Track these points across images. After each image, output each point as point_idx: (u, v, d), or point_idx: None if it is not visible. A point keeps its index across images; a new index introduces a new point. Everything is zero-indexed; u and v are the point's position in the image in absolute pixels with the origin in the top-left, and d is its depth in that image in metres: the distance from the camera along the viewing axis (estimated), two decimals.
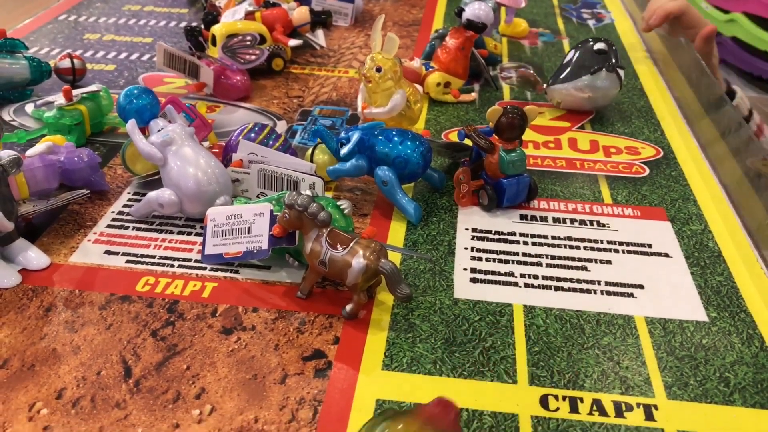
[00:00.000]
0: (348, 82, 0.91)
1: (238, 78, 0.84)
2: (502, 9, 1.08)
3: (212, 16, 0.96)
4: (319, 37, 1.01)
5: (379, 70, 0.71)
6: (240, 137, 0.65)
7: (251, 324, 0.51)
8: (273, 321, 0.52)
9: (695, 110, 0.86)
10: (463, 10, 0.85)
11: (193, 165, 0.60)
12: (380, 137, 0.64)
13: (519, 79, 0.87)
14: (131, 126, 0.62)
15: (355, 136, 0.64)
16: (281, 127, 0.79)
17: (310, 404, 0.45)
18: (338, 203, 0.56)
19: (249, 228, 0.55)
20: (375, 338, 0.51)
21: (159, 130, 0.62)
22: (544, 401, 0.46)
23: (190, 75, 0.84)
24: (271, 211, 0.55)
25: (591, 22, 1.14)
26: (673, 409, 0.46)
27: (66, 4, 1.15)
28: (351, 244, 0.51)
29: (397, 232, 0.62)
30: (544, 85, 0.83)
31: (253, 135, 0.65)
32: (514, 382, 0.47)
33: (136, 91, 0.64)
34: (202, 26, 0.96)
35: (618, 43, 1.05)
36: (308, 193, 0.55)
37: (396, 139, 0.63)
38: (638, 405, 0.46)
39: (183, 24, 1.08)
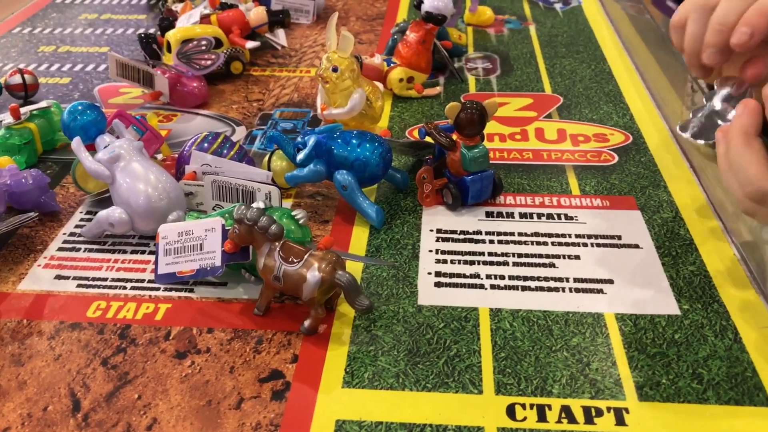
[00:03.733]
0: (310, 81, 0.88)
1: (194, 85, 0.82)
2: None
3: (168, 22, 0.94)
4: (280, 36, 0.99)
5: (335, 69, 0.68)
6: (192, 148, 0.63)
7: (206, 346, 0.49)
8: (229, 341, 0.50)
9: (665, 93, 0.84)
10: (422, 2, 0.83)
11: (143, 181, 0.57)
12: (338, 140, 0.61)
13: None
14: (76, 144, 0.59)
15: (311, 141, 0.62)
16: (240, 132, 0.77)
17: (266, 429, 0.43)
18: (293, 213, 0.54)
19: (201, 244, 0.53)
20: (335, 354, 0.48)
21: (105, 146, 0.59)
22: (510, 411, 0.44)
23: (145, 84, 0.81)
24: (223, 225, 0.53)
25: (558, 6, 1.12)
26: (645, 411, 0.44)
27: (20, 16, 1.12)
28: (305, 257, 0.49)
29: (359, 238, 0.60)
30: None
31: (206, 145, 0.63)
32: (480, 392, 0.45)
33: (80, 107, 0.61)
34: (158, 32, 0.93)
35: (585, 26, 1.03)
36: (261, 204, 0.53)
37: (354, 141, 0.61)
38: (608, 409, 0.44)
39: (141, 31, 1.05)
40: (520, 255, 0.57)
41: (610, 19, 1.06)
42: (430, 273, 0.56)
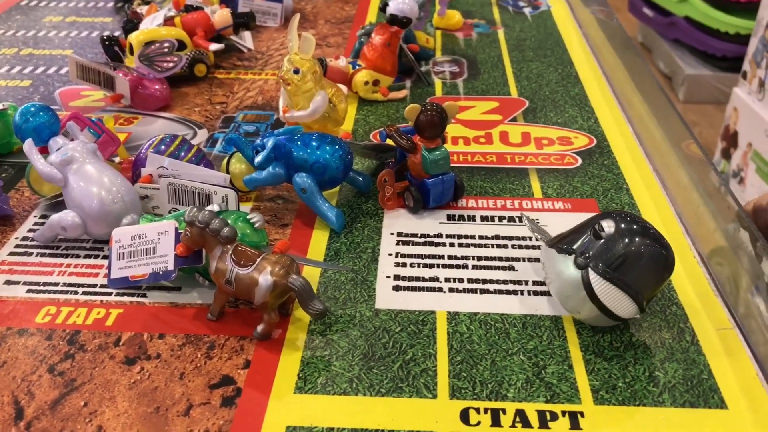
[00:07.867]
0: (275, 84, 0.87)
1: (156, 87, 0.81)
2: (437, 1, 1.06)
3: (132, 24, 0.93)
4: (246, 39, 0.98)
5: (297, 71, 0.67)
6: (148, 150, 0.61)
7: (156, 352, 0.48)
8: (180, 347, 0.49)
9: (630, 97, 0.84)
10: (387, 4, 0.82)
11: (96, 184, 0.56)
12: (297, 142, 0.61)
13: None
14: (28, 146, 0.58)
15: (270, 143, 0.61)
16: (202, 135, 0.76)
17: None
18: (249, 216, 0.53)
19: (154, 248, 0.52)
20: (288, 359, 0.48)
21: (58, 149, 0.58)
22: (464, 415, 0.43)
23: (106, 87, 0.80)
24: (176, 228, 0.52)
25: (527, 10, 1.12)
26: (600, 414, 0.43)
27: None
28: (258, 261, 0.48)
29: (319, 242, 0.59)
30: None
31: (163, 147, 0.62)
32: (434, 396, 0.45)
33: (33, 109, 0.60)
34: (123, 35, 0.92)
35: (553, 30, 1.03)
36: (215, 207, 0.52)
37: (314, 143, 0.60)
38: (563, 413, 0.43)
39: (106, 33, 1.03)
40: (479, 258, 0.57)
41: (579, 23, 1.07)
42: (388, 276, 0.55)
